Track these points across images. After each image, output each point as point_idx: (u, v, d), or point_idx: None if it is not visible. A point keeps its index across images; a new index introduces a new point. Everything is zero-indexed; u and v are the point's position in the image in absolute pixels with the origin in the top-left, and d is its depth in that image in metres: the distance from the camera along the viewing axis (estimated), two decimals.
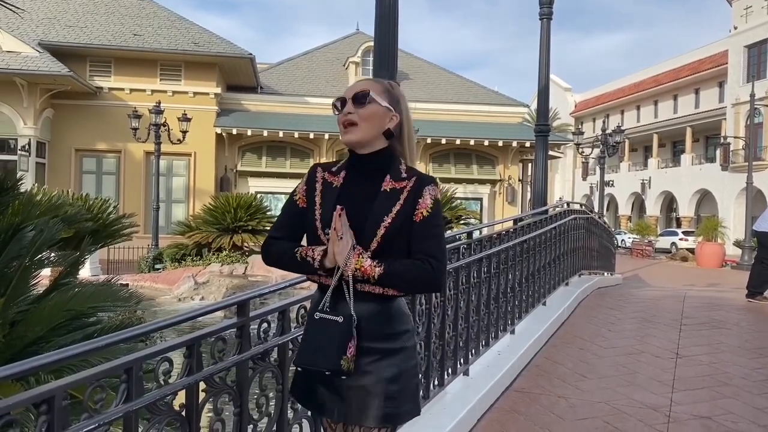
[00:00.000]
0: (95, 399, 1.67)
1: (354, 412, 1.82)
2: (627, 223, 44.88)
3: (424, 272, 1.77)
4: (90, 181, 21.90)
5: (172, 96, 21.78)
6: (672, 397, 4.45)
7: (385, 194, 1.82)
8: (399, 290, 1.81)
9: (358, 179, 1.87)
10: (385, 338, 1.82)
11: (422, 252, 1.78)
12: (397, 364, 1.82)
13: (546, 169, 8.36)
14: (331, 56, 27.65)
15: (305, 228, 1.88)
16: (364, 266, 1.74)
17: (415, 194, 1.82)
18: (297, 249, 1.83)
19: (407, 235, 1.79)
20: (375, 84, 1.92)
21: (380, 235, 1.76)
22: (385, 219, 1.78)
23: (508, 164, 25.24)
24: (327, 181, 1.90)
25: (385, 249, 1.76)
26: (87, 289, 2.90)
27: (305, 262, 1.81)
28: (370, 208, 1.80)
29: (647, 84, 44.70)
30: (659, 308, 7.79)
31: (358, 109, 1.84)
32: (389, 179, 1.85)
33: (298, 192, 1.94)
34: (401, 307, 1.89)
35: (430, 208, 1.82)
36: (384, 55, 3.83)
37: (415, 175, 1.86)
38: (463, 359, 4.28)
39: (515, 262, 5.49)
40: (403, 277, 1.77)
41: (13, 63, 19.15)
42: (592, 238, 10.22)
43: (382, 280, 1.75)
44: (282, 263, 1.90)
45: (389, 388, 1.80)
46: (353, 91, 1.88)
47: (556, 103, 51.62)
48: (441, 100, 25.68)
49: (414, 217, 1.80)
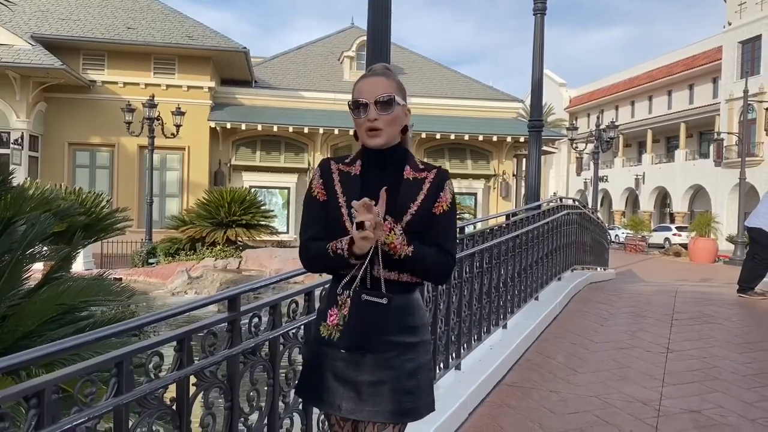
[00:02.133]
0: (85, 393, 1.67)
1: (371, 409, 1.79)
2: (621, 219, 45.02)
3: (443, 264, 1.81)
4: (83, 175, 21.81)
5: (165, 90, 21.70)
6: (662, 391, 4.49)
7: (409, 183, 1.84)
8: (416, 276, 1.82)
9: (376, 169, 1.87)
10: (408, 331, 1.82)
11: (440, 245, 1.80)
12: (416, 358, 1.82)
13: (539, 165, 8.37)
14: (326, 50, 27.58)
15: (330, 221, 1.84)
16: (395, 243, 1.73)
17: (437, 186, 1.84)
18: (328, 246, 1.79)
19: (426, 225, 1.80)
20: (392, 82, 1.87)
21: (405, 221, 1.77)
22: (411, 206, 1.80)
23: (503, 159, 25.27)
24: (343, 171, 1.88)
25: (405, 236, 1.76)
26: (79, 283, 2.90)
27: (338, 256, 1.76)
28: (395, 195, 1.80)
29: (641, 79, 44.80)
30: (651, 303, 7.83)
31: (382, 115, 1.81)
32: (409, 169, 1.86)
33: (315, 188, 1.89)
34: (420, 300, 1.90)
35: (450, 203, 1.85)
36: (377, 46, 3.83)
37: (435, 168, 1.89)
38: (455, 354, 4.30)
39: (507, 257, 5.51)
40: (427, 262, 1.78)
41: (5, 56, 19.03)
42: (585, 234, 10.25)
43: (408, 261, 1.76)
44: (322, 265, 1.88)
45: (408, 383, 1.79)
46: (375, 93, 1.82)
47: (550, 98, 51.63)
48: (436, 94, 25.66)
49: (434, 209, 1.82)
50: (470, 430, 3.79)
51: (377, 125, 1.81)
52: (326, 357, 1.85)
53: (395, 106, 1.83)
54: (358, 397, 1.81)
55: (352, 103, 1.84)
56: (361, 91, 1.84)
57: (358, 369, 1.82)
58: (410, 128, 1.97)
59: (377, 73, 1.90)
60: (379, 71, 1.90)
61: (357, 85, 1.88)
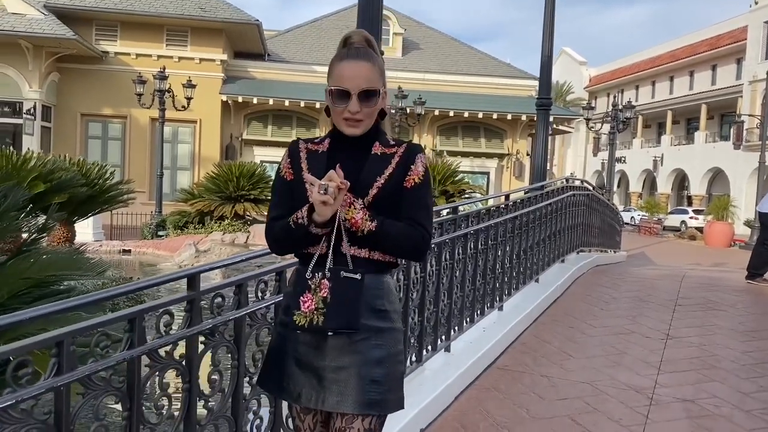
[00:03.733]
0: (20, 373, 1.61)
1: (333, 398, 1.71)
2: (638, 201, 44.50)
3: (415, 237, 1.73)
4: (96, 147, 21.89)
5: (178, 62, 21.61)
6: (657, 379, 4.38)
7: (376, 157, 1.77)
8: (386, 252, 1.75)
9: (345, 146, 1.80)
10: (376, 315, 1.73)
11: (413, 219, 1.74)
12: (385, 345, 1.74)
13: (546, 144, 8.20)
14: (340, 24, 27.22)
15: (297, 200, 1.76)
16: (355, 217, 1.67)
17: (406, 160, 1.77)
18: (290, 219, 1.73)
19: (396, 200, 1.73)
20: (375, 67, 1.77)
21: (372, 195, 1.71)
22: (378, 179, 1.73)
23: (517, 138, 24.98)
24: (311, 150, 1.83)
25: (373, 211, 1.70)
26: (48, 258, 2.84)
27: (299, 226, 1.70)
28: (361, 169, 1.74)
29: (663, 59, 43.91)
30: (655, 288, 7.69)
31: (364, 107, 1.73)
32: (378, 145, 1.80)
33: (283, 168, 1.84)
34: (391, 284, 1.82)
35: (422, 175, 1.77)
36: (367, 22, 3.70)
37: (405, 143, 1.82)
38: (445, 336, 4.21)
39: (505, 238, 5.39)
40: (395, 237, 1.71)
41: (18, 25, 19.01)
42: (594, 215, 10.08)
43: (372, 237, 1.69)
44: (285, 241, 1.80)
45: (375, 371, 1.71)
46: (359, 83, 1.72)
47: (570, 77, 50.96)
48: (450, 71, 25.33)
49: (405, 183, 1.75)
50: (455, 413, 3.72)
51: (358, 117, 1.73)
52: (289, 341, 1.78)
53: (378, 97, 1.76)
54: (320, 384, 1.72)
55: (332, 90, 1.74)
56: (342, 78, 1.73)
57: (320, 353, 1.74)
58: (388, 112, 1.90)
59: (361, 54, 1.76)
60: (362, 52, 1.77)
61: (338, 67, 1.76)
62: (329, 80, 1.77)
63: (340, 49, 1.81)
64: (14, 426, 1.58)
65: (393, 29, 25.81)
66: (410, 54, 26.21)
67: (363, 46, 1.79)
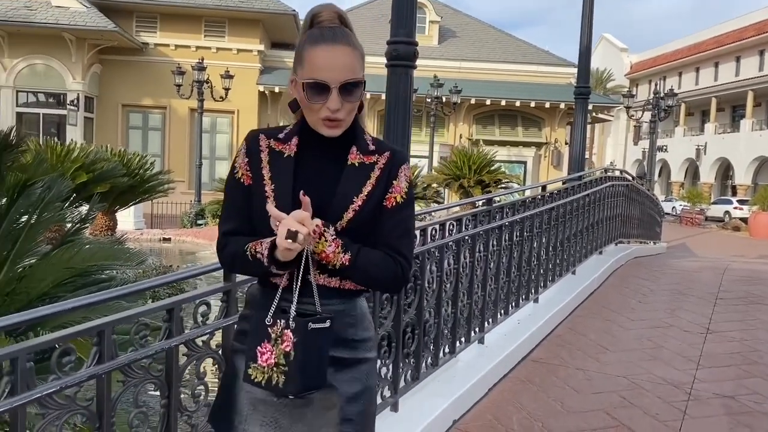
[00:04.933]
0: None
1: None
2: (679, 190, 43.48)
3: (393, 273, 1.47)
4: (136, 137, 22.36)
5: (216, 53, 21.88)
6: (696, 374, 4.30)
7: (353, 169, 1.48)
8: (359, 284, 1.49)
9: (317, 149, 1.49)
10: (346, 345, 1.48)
11: (392, 248, 1.47)
12: (359, 378, 1.49)
13: (584, 134, 8.07)
14: (377, 12, 27.18)
15: (255, 212, 1.48)
16: (326, 251, 1.40)
17: (389, 173, 1.49)
18: (247, 246, 1.44)
19: (374, 220, 1.47)
20: (356, 51, 1.44)
21: (347, 219, 1.44)
22: (355, 200, 1.45)
23: (555, 127, 24.62)
24: (275, 150, 1.50)
25: (347, 235, 1.44)
26: (91, 248, 2.93)
27: (257, 261, 1.41)
28: (334, 185, 1.46)
29: (708, 45, 42.62)
30: (696, 280, 7.53)
31: (346, 103, 1.42)
32: (356, 151, 1.49)
33: (239, 168, 1.51)
34: (364, 308, 1.56)
35: (405, 193, 1.50)
36: (402, 10, 3.68)
37: (388, 150, 1.52)
38: (479, 327, 4.20)
39: (542, 229, 5.34)
40: (370, 270, 1.45)
41: (62, 18, 19.48)
42: (633, 206, 9.90)
43: (345, 270, 1.44)
44: (239, 268, 1.53)
45: (348, 408, 1.46)
46: (340, 74, 1.40)
47: (610, 64, 49.90)
48: (487, 59, 25.06)
49: (385, 201, 1.48)
50: (489, 405, 3.71)
51: (338, 116, 1.42)
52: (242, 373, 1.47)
53: (363, 88, 1.46)
54: (279, 425, 1.46)
55: (307, 82, 1.41)
56: (320, 67, 1.40)
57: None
58: (365, 104, 1.61)
59: (338, 37, 1.42)
60: (339, 33, 1.43)
61: (310, 53, 1.42)
62: (298, 69, 1.44)
63: (307, 29, 1.46)
64: (58, 411, 1.64)
65: (429, 17, 25.64)
66: (446, 42, 26.01)
67: (337, 25, 1.44)
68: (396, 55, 3.68)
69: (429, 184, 18.19)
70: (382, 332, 2.99)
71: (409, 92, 3.79)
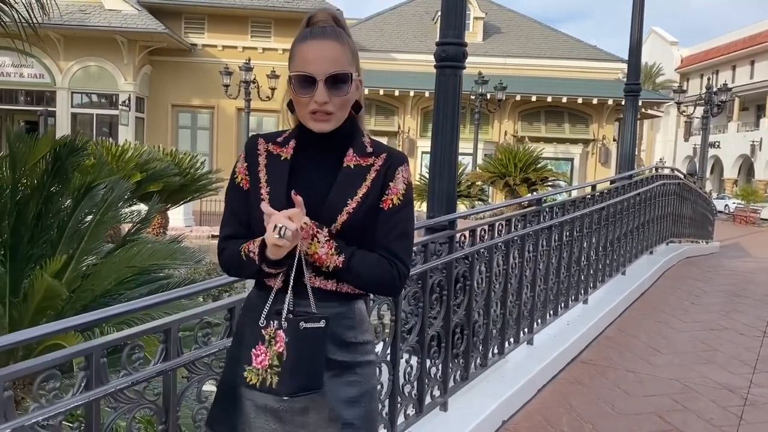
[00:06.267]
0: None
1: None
2: (732, 188, 42.14)
3: (389, 276, 1.45)
4: (185, 136, 22.90)
5: (262, 53, 22.21)
6: (752, 378, 4.19)
7: (349, 172, 1.47)
8: (354, 287, 1.48)
9: (313, 151, 1.51)
10: (345, 348, 1.47)
11: (388, 251, 1.46)
12: (358, 381, 1.48)
13: (635, 132, 7.90)
14: (421, 10, 27.13)
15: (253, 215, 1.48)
16: (319, 253, 1.40)
17: (385, 175, 1.48)
18: (241, 247, 1.45)
19: (370, 223, 1.46)
20: (345, 47, 1.46)
21: (340, 222, 1.43)
22: (349, 203, 1.44)
23: (603, 123, 24.17)
24: (272, 153, 1.53)
25: (342, 238, 1.44)
26: (151, 247, 3.05)
27: (251, 260, 1.42)
28: (329, 187, 1.46)
29: (764, 37, 41.14)
30: (752, 282, 7.32)
31: (334, 96, 1.43)
32: (352, 153, 1.50)
33: (238, 172, 1.54)
34: (363, 311, 1.54)
35: (402, 195, 1.49)
36: (451, 11, 3.68)
37: (385, 152, 1.52)
38: (528, 328, 4.19)
39: (591, 229, 5.28)
40: (365, 273, 1.44)
41: (114, 21, 20.08)
42: (685, 205, 9.67)
43: (339, 272, 1.43)
44: (237, 270, 1.53)
45: (348, 412, 1.45)
46: (326, 66, 1.41)
47: (660, 58, 48.67)
48: (533, 55, 24.75)
49: (381, 204, 1.47)
50: (538, 406, 3.70)
51: (327, 108, 1.43)
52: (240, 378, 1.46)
53: (350, 83, 1.45)
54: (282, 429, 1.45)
55: (294, 77, 1.44)
56: (307, 61, 1.42)
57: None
58: (364, 105, 1.58)
59: (327, 33, 1.45)
60: (329, 30, 1.46)
61: (299, 49, 1.45)
62: (290, 66, 1.47)
63: (302, 29, 1.50)
64: (129, 405, 1.72)
65: (474, 14, 25.44)
66: (491, 38, 25.79)
67: (330, 25, 1.49)
68: (445, 56, 3.68)
69: (473, 182, 18.08)
70: (432, 332, 3.02)
71: (458, 92, 3.79)
